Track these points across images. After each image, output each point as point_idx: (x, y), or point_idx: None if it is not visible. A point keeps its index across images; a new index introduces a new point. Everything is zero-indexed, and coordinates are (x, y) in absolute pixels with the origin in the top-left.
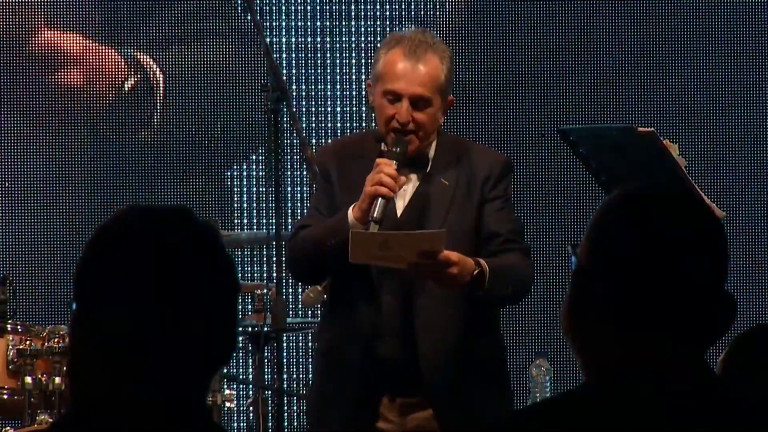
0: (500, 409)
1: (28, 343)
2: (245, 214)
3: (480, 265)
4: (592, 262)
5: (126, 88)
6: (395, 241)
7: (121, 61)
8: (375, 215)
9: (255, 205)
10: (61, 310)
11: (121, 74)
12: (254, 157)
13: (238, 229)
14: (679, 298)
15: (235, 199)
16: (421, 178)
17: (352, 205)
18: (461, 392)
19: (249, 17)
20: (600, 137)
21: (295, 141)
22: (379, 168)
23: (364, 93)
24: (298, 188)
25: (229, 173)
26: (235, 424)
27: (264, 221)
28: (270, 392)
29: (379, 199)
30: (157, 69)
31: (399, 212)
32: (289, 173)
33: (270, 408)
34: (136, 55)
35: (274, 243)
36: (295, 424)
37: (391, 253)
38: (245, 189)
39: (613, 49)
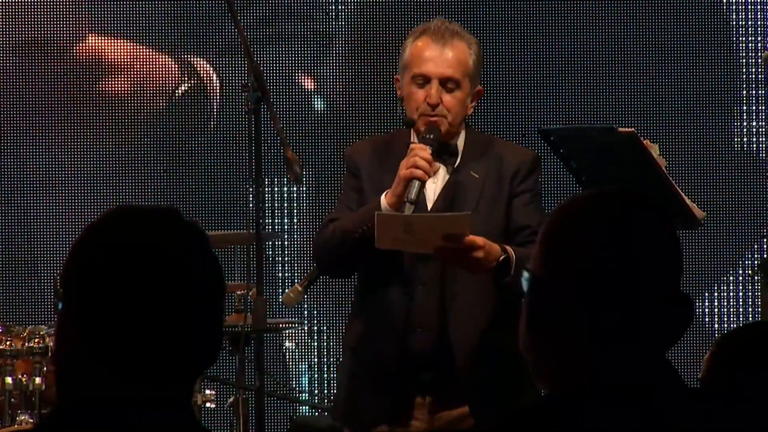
0: (531, 400)
1: (8, 343)
2: (227, 213)
3: (506, 252)
4: (546, 272)
5: (177, 94)
6: (420, 223)
7: (174, 67)
8: (411, 196)
9: (237, 204)
10: (41, 310)
11: (174, 80)
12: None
13: (219, 228)
14: (635, 301)
15: (218, 198)
16: (451, 171)
17: (385, 192)
18: (495, 384)
19: (231, 18)
20: (580, 137)
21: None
22: (414, 152)
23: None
24: (277, 188)
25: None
26: (216, 425)
27: (245, 221)
28: (250, 393)
29: (415, 181)
30: (214, 74)
31: (429, 205)
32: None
33: (250, 409)
34: (192, 60)
35: (255, 243)
36: (276, 424)
37: (416, 237)
38: (227, 187)
39: (595, 48)
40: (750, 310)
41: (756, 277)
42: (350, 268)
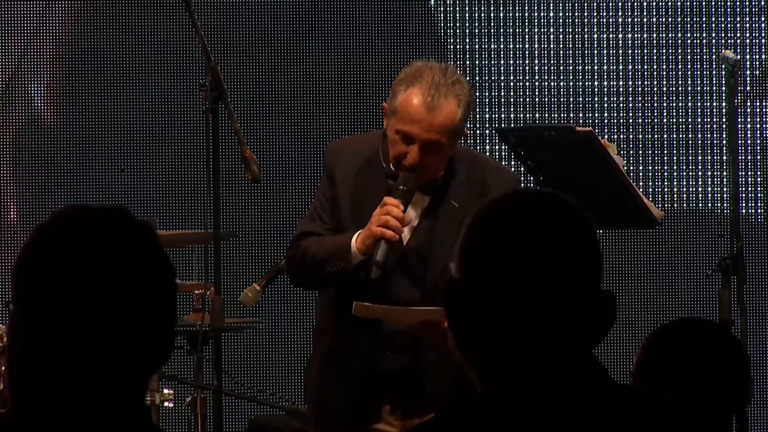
0: None
1: None
2: (184, 213)
3: None
4: (464, 275)
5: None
6: (398, 313)
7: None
8: (378, 258)
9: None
10: None
11: None
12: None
13: (177, 228)
14: (554, 302)
15: (177, 197)
16: (430, 200)
17: (356, 234)
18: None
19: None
20: (538, 137)
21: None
22: (386, 209)
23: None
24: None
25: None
26: (174, 424)
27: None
28: (209, 392)
29: (382, 242)
30: None
31: (407, 235)
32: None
33: (209, 408)
34: None
35: (213, 242)
36: (235, 424)
37: (394, 318)
38: (184, 187)
39: (555, 47)
40: (709, 309)
41: (716, 275)
42: (321, 289)
